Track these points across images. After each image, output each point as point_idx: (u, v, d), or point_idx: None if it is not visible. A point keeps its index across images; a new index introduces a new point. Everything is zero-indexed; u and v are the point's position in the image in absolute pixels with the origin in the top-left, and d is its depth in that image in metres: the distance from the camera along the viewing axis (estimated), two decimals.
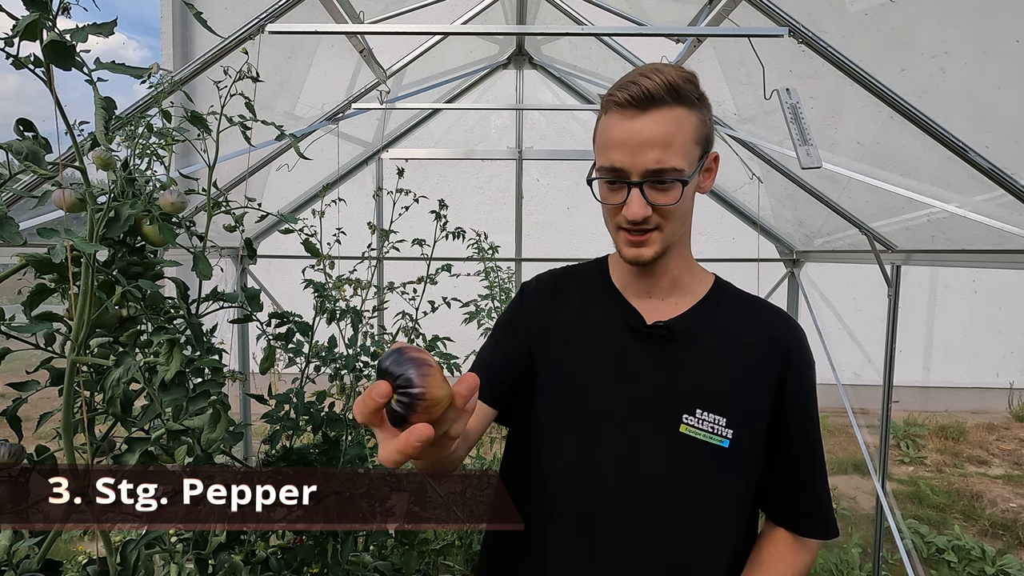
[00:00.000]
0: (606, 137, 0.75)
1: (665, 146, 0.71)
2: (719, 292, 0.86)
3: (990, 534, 3.77)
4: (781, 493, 0.83)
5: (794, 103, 1.41)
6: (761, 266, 2.62)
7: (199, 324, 0.94)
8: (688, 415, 0.76)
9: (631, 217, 0.73)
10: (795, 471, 0.82)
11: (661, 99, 0.71)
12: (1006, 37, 1.32)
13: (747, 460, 0.78)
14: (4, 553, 0.64)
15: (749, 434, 0.77)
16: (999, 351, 5.75)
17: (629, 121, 0.72)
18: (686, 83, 0.72)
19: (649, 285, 0.84)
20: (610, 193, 0.76)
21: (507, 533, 0.88)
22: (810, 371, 0.81)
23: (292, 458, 1.32)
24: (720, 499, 0.77)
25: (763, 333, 0.81)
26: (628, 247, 0.78)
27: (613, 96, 0.73)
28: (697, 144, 0.74)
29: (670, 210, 0.74)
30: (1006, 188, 1.39)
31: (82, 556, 2.54)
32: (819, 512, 0.82)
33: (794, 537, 0.83)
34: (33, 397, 0.81)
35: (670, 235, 0.77)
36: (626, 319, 0.82)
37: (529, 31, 2.05)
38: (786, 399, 0.79)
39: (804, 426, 0.81)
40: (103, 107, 0.76)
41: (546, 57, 3.01)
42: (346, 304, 1.59)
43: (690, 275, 0.85)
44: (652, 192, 0.73)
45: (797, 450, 0.81)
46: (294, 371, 1.46)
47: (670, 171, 0.72)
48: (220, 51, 1.43)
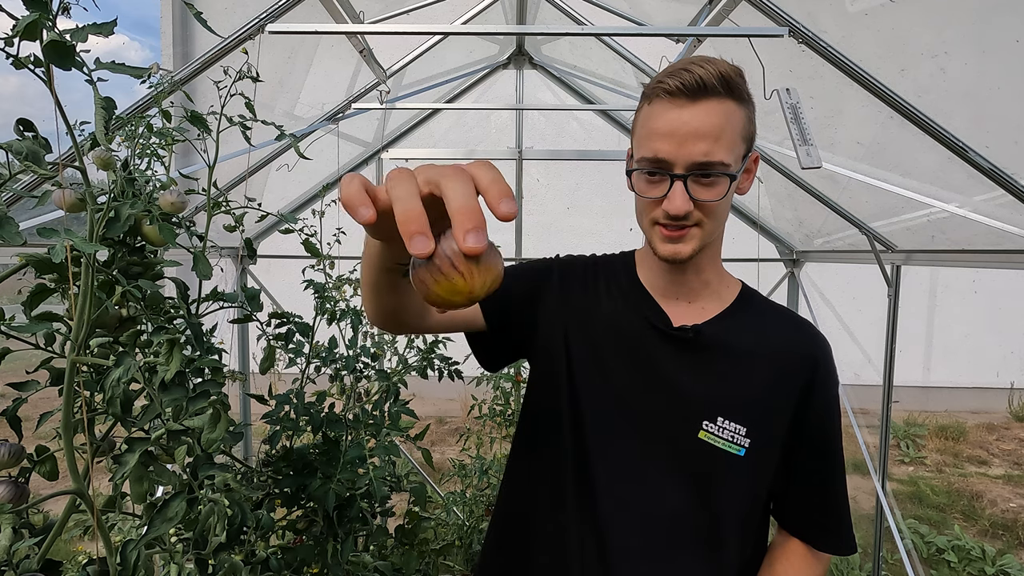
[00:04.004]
0: (650, 126, 0.71)
1: (714, 138, 0.67)
2: (747, 300, 0.84)
3: (990, 534, 3.77)
4: (800, 505, 0.82)
5: (794, 103, 1.41)
6: (761, 266, 2.62)
7: (199, 324, 0.94)
8: (709, 422, 0.75)
9: (673, 211, 0.69)
10: (816, 485, 0.81)
11: (713, 89, 0.67)
12: (1006, 37, 1.32)
13: (761, 471, 0.77)
14: (4, 553, 0.64)
15: (767, 445, 0.76)
16: (999, 351, 5.75)
17: (678, 110, 0.68)
18: (737, 77, 0.69)
19: (678, 286, 0.81)
20: (649, 186, 0.72)
21: (515, 519, 0.87)
22: (835, 387, 0.80)
23: (292, 458, 1.32)
24: (731, 507, 0.76)
25: (790, 345, 0.79)
26: (664, 243, 0.74)
27: (663, 83, 0.69)
28: (744, 141, 0.71)
29: (712, 207, 0.71)
30: (1006, 188, 1.39)
31: (82, 556, 2.53)
32: (838, 528, 0.81)
33: (808, 549, 0.81)
34: (33, 397, 0.80)
35: (708, 234, 0.74)
36: (653, 320, 0.80)
37: (529, 31, 2.04)
38: (810, 413, 0.77)
39: (827, 440, 0.80)
40: (103, 107, 0.76)
41: (546, 57, 3.01)
42: (346, 304, 1.59)
43: (719, 279, 0.83)
44: (696, 187, 0.69)
45: (819, 464, 0.80)
46: (294, 371, 1.46)
47: (717, 165, 0.68)
48: (220, 51, 1.43)
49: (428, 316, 0.75)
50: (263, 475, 1.30)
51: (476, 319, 0.84)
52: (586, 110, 3.22)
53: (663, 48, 1.94)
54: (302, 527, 1.37)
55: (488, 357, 0.90)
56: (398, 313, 0.69)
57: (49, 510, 3.22)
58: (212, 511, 0.81)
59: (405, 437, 1.54)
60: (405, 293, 0.64)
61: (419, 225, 0.34)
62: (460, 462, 2.69)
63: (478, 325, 0.84)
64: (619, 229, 4.35)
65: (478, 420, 2.61)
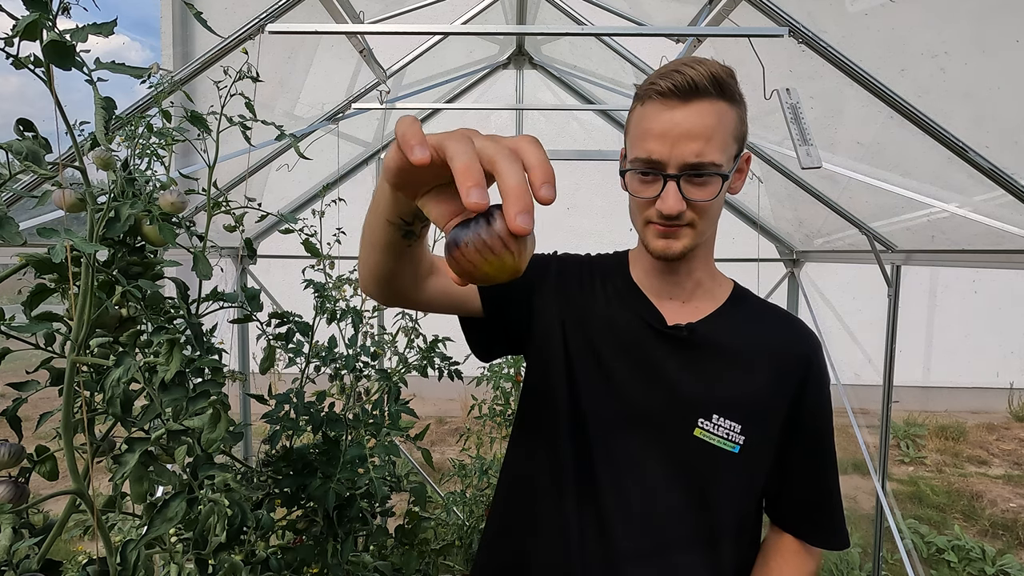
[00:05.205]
0: (643, 127, 0.72)
1: (706, 139, 0.68)
2: (739, 299, 0.84)
3: (990, 534, 3.77)
4: (792, 501, 0.82)
5: (794, 103, 1.41)
6: (761, 266, 2.62)
7: (199, 324, 0.94)
8: (704, 419, 0.76)
9: (665, 211, 0.71)
10: (809, 481, 0.82)
11: (705, 90, 0.68)
12: (1006, 37, 1.32)
13: (756, 468, 0.78)
14: (4, 553, 0.64)
15: (762, 442, 0.77)
16: (999, 351, 5.75)
17: (670, 111, 0.69)
18: (729, 77, 0.70)
19: (671, 285, 0.82)
20: (643, 186, 0.74)
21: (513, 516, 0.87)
22: (827, 384, 0.81)
23: (292, 458, 1.32)
24: (728, 504, 0.77)
25: (784, 343, 0.80)
26: (657, 238, 0.75)
27: (655, 84, 0.70)
28: (735, 141, 0.72)
29: (705, 207, 0.72)
30: (1006, 188, 1.39)
31: (82, 556, 2.53)
32: (831, 522, 0.82)
33: (801, 544, 0.82)
34: (33, 397, 0.80)
35: (701, 233, 0.75)
36: (647, 319, 0.80)
37: (529, 31, 2.04)
38: (803, 410, 0.78)
39: (820, 437, 0.81)
40: (103, 107, 0.76)
41: (546, 57, 3.01)
42: (346, 304, 1.58)
43: (712, 279, 0.84)
44: (688, 187, 0.71)
45: (811, 460, 0.81)
46: (294, 371, 1.45)
47: (709, 165, 0.69)
48: (220, 51, 1.43)
49: (422, 288, 0.75)
50: (263, 475, 1.30)
51: (472, 303, 0.83)
52: (586, 110, 3.22)
53: (663, 48, 1.94)
54: (302, 527, 1.37)
55: (482, 346, 0.90)
56: (392, 279, 0.69)
57: (49, 510, 3.22)
58: (212, 511, 0.81)
59: (405, 437, 1.54)
60: (400, 256, 0.65)
61: (478, 179, 0.35)
62: (460, 462, 2.69)
63: (473, 309, 0.84)
64: (619, 229, 4.35)
65: (478, 420, 2.61)
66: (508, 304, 0.85)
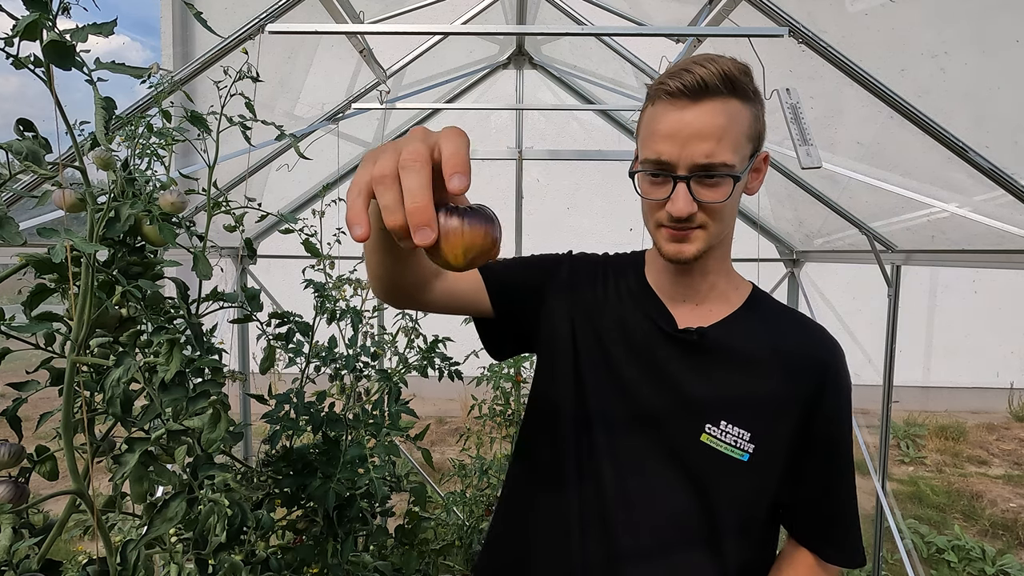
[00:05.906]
0: (653, 128, 0.70)
1: (717, 139, 0.67)
2: (756, 303, 0.82)
3: (990, 534, 3.77)
4: (806, 514, 0.80)
5: (794, 103, 1.41)
6: (761, 266, 2.62)
7: (199, 324, 0.94)
8: (712, 425, 0.74)
9: (676, 213, 0.69)
10: (822, 493, 0.79)
11: (716, 89, 0.66)
12: (1006, 37, 1.32)
13: (765, 477, 0.75)
14: (4, 553, 0.64)
15: (772, 451, 0.75)
16: (999, 351, 5.75)
17: (679, 111, 0.67)
18: (742, 75, 0.69)
19: (685, 288, 0.80)
20: (653, 188, 0.72)
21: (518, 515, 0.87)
22: (847, 393, 0.79)
23: (292, 458, 1.32)
24: (732, 512, 0.75)
25: (799, 349, 0.78)
26: (669, 243, 0.73)
27: (664, 84, 0.68)
28: (749, 141, 0.70)
29: (717, 208, 0.70)
30: (1006, 188, 1.39)
31: (82, 556, 2.53)
32: (846, 538, 0.79)
33: (817, 560, 0.80)
34: (33, 397, 0.80)
35: (714, 235, 0.73)
36: (658, 321, 0.79)
37: (529, 31, 2.04)
38: (818, 419, 0.76)
39: (834, 448, 0.78)
40: (103, 107, 0.76)
41: (546, 57, 3.01)
42: (346, 304, 1.58)
43: (727, 281, 0.82)
44: (699, 188, 0.69)
45: (826, 470, 0.78)
46: (294, 371, 1.45)
47: (720, 166, 0.67)
48: (220, 51, 1.43)
49: (428, 290, 0.76)
50: (263, 475, 1.30)
51: (482, 303, 0.84)
52: (586, 110, 3.22)
53: (663, 48, 1.94)
54: (302, 527, 1.37)
55: (494, 345, 0.91)
56: (396, 281, 0.71)
57: (49, 510, 3.21)
58: (212, 511, 0.81)
59: (405, 437, 1.54)
60: (400, 258, 0.66)
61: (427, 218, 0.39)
62: (460, 462, 2.69)
63: (483, 309, 0.84)
64: (619, 229, 4.35)
65: (478, 420, 2.61)
66: (517, 302, 0.85)
